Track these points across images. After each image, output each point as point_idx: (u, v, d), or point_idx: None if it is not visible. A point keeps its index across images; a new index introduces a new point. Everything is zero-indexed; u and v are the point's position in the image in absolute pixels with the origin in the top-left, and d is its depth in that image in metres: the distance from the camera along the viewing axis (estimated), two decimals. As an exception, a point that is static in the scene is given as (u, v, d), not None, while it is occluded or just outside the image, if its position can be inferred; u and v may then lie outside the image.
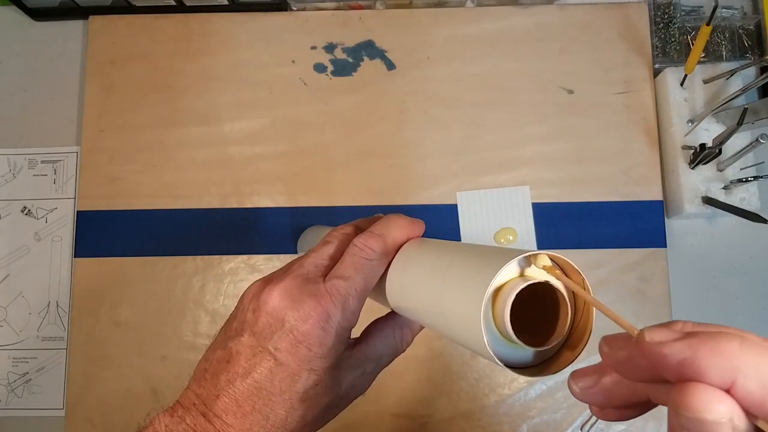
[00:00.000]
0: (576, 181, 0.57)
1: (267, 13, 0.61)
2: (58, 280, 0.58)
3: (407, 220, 0.31)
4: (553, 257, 0.23)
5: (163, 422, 0.27)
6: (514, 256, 0.22)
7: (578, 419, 0.54)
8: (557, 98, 0.59)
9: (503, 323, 0.21)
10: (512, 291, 0.21)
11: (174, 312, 0.56)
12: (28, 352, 0.57)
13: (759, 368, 0.15)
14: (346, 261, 0.29)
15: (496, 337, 0.23)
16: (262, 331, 0.27)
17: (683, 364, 0.16)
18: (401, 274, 0.29)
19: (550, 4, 0.60)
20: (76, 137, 0.61)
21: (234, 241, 0.58)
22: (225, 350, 0.28)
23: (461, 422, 0.54)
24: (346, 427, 0.53)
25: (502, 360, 0.22)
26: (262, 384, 0.27)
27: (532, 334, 0.23)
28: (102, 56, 0.61)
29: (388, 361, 0.32)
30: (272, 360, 0.27)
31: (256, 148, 0.59)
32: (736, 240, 0.58)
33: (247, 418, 0.27)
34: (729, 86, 0.56)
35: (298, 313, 0.27)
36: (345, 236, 0.31)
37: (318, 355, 0.27)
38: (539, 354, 0.24)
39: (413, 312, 0.29)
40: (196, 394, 0.28)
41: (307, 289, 0.28)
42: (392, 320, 0.32)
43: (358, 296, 0.28)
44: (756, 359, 0.15)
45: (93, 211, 0.58)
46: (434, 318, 0.26)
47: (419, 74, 0.59)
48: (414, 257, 0.29)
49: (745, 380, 0.15)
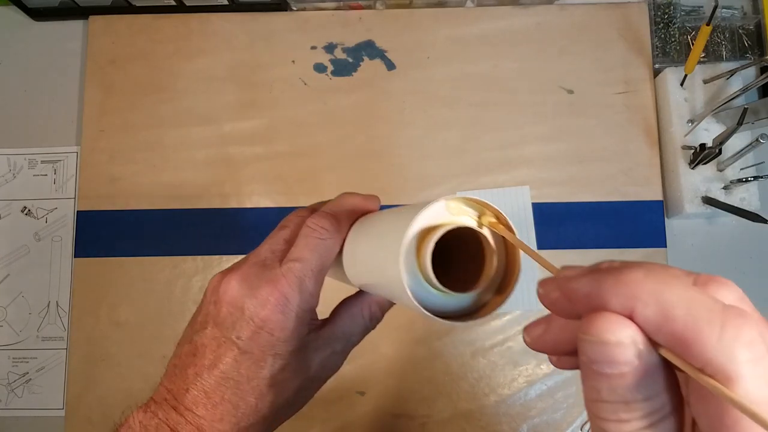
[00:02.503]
0: (576, 181, 0.57)
1: (267, 13, 0.61)
2: (58, 280, 0.58)
3: (359, 196, 0.32)
4: (471, 200, 0.23)
5: (137, 418, 0.28)
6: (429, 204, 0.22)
7: (578, 419, 0.54)
8: (557, 98, 0.59)
9: (427, 271, 0.22)
10: (432, 238, 0.22)
11: (174, 312, 0.56)
12: (28, 352, 0.57)
13: (658, 296, 0.15)
14: (299, 243, 0.29)
15: (425, 287, 0.23)
16: (224, 321, 0.28)
17: (589, 296, 0.16)
18: (352, 249, 0.29)
19: (550, 4, 0.60)
20: (76, 137, 0.61)
21: (234, 241, 0.58)
22: (191, 344, 0.29)
23: (461, 422, 0.54)
24: (346, 427, 0.53)
25: (431, 309, 0.22)
26: (229, 374, 0.27)
27: (467, 283, 0.23)
28: (102, 56, 0.61)
29: (358, 339, 0.32)
30: (236, 349, 0.27)
31: (256, 148, 0.59)
32: (736, 240, 0.58)
33: (217, 408, 0.27)
34: (729, 86, 0.56)
35: (256, 300, 0.27)
36: (300, 219, 0.31)
37: (281, 340, 0.27)
38: (471, 301, 0.24)
39: (367, 283, 0.29)
40: (167, 389, 0.28)
41: (264, 275, 0.28)
42: (360, 298, 0.32)
43: (315, 276, 0.28)
44: (656, 287, 0.15)
45: (93, 211, 0.58)
46: (379, 283, 0.26)
47: (419, 74, 0.59)
48: (361, 230, 0.29)
49: (644, 307, 0.15)
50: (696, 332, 0.14)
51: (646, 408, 0.15)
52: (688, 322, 0.14)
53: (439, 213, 0.23)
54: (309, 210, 0.32)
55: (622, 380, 0.15)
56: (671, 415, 0.16)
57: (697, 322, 0.14)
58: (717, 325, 0.14)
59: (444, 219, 0.23)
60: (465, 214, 0.23)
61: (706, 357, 0.14)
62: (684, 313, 0.14)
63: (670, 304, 0.15)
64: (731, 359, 0.14)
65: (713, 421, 0.14)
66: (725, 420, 0.14)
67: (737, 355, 0.14)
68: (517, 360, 0.55)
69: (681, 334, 0.14)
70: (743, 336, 0.14)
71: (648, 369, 0.15)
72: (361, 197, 0.32)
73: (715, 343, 0.14)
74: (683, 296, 0.15)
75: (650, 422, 0.15)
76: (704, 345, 0.14)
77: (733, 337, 0.14)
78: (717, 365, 0.14)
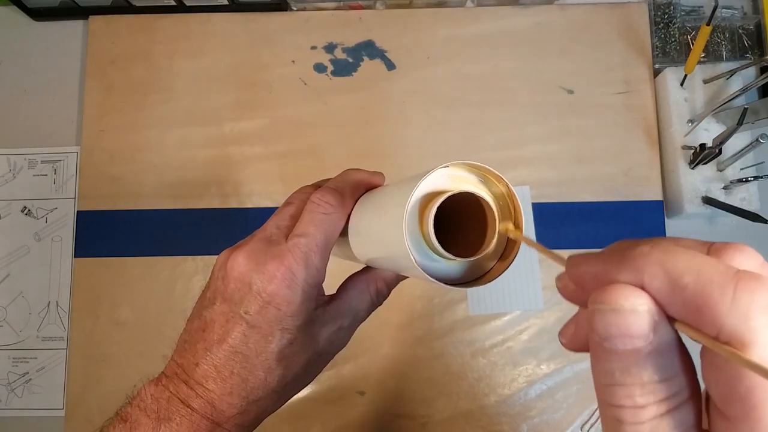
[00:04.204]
0: (576, 181, 0.57)
1: (267, 13, 0.61)
2: (58, 280, 0.58)
3: (364, 172, 0.32)
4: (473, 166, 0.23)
5: (148, 391, 0.29)
6: (432, 171, 0.22)
7: (578, 419, 0.54)
8: (557, 98, 0.59)
9: (430, 237, 0.22)
10: (435, 204, 0.22)
11: (174, 312, 0.56)
12: (28, 352, 0.57)
13: (666, 265, 0.14)
14: (305, 218, 0.29)
15: (429, 255, 0.23)
16: (232, 296, 0.28)
17: (597, 277, 0.16)
18: (358, 223, 0.30)
19: (550, 4, 0.60)
20: (76, 137, 0.61)
21: (234, 241, 0.57)
22: (200, 320, 0.29)
23: (461, 422, 0.54)
24: (346, 427, 0.53)
25: (435, 276, 0.23)
26: (238, 348, 0.28)
27: (470, 249, 0.23)
28: (102, 56, 0.61)
29: (364, 315, 0.32)
30: (244, 324, 0.28)
31: (256, 148, 0.59)
32: (736, 240, 0.58)
33: (227, 382, 0.28)
34: (729, 86, 0.56)
35: (263, 275, 0.27)
36: (305, 195, 0.31)
37: (288, 314, 0.28)
38: (474, 266, 0.24)
39: (373, 258, 0.29)
40: (178, 364, 0.29)
41: (270, 251, 0.28)
42: (366, 274, 0.32)
43: (320, 251, 0.29)
44: (663, 257, 0.14)
45: (93, 211, 0.58)
46: (385, 255, 0.26)
47: (419, 74, 0.59)
48: (366, 204, 0.30)
49: (652, 279, 0.14)
50: (707, 297, 0.13)
51: (664, 391, 0.14)
52: (698, 288, 0.13)
53: (441, 180, 0.23)
54: (314, 186, 0.32)
55: (637, 357, 0.14)
56: (690, 401, 0.15)
57: (707, 288, 0.13)
58: (729, 290, 0.13)
59: (446, 186, 0.23)
60: (466, 181, 0.23)
61: (718, 323, 0.13)
62: (694, 280, 0.13)
63: (678, 272, 0.14)
64: (746, 325, 0.13)
65: (726, 391, 0.13)
66: (738, 388, 0.13)
67: (752, 320, 0.13)
68: (517, 360, 0.55)
69: (692, 301, 0.13)
70: (758, 300, 0.13)
71: (664, 346, 0.14)
72: (366, 172, 0.32)
73: (728, 309, 0.13)
74: (692, 263, 0.14)
75: (669, 407, 0.14)
76: (716, 311, 0.13)
77: (748, 301, 0.13)
78: (730, 331, 0.13)
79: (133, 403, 0.28)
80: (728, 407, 0.13)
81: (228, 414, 0.28)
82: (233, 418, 0.28)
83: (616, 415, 0.15)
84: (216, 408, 0.28)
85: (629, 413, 0.14)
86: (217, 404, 0.27)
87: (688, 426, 0.14)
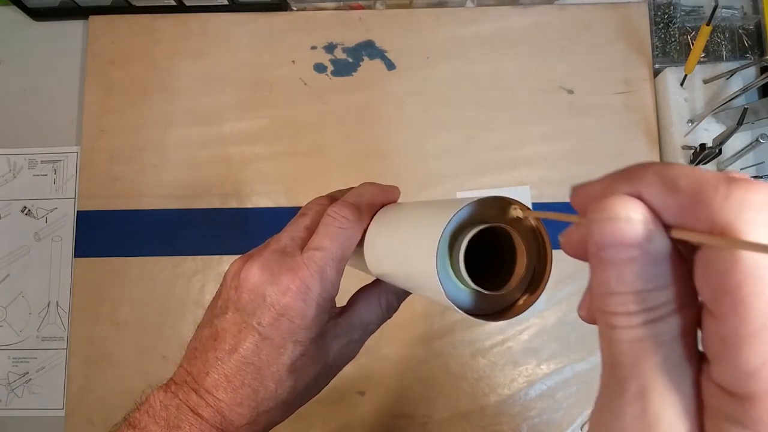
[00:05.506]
0: (576, 181, 0.57)
1: (267, 13, 0.61)
2: (58, 280, 0.58)
3: (380, 187, 0.32)
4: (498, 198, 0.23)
5: (157, 398, 0.28)
6: (467, 203, 0.22)
7: (578, 419, 0.54)
8: (557, 98, 0.59)
9: (460, 270, 0.22)
10: (465, 238, 0.22)
11: (174, 312, 0.56)
12: (28, 352, 0.57)
13: (661, 173, 0.15)
14: (321, 231, 0.29)
15: (454, 283, 0.23)
16: (245, 307, 0.28)
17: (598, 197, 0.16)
18: (375, 239, 0.29)
19: (550, 4, 0.60)
20: (76, 137, 0.61)
21: (234, 241, 0.58)
22: (212, 328, 0.29)
23: (461, 422, 0.54)
24: (346, 427, 0.53)
25: (459, 305, 0.22)
26: (249, 359, 0.27)
27: (496, 282, 0.23)
28: (102, 56, 0.61)
29: (374, 328, 0.32)
30: (257, 335, 0.27)
31: (256, 148, 0.59)
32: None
33: (238, 392, 0.27)
34: (729, 86, 0.56)
35: (277, 287, 0.27)
36: (320, 207, 0.31)
37: (301, 327, 0.28)
38: (501, 300, 0.24)
39: (390, 275, 0.29)
40: (187, 372, 0.29)
41: (285, 263, 0.28)
42: (377, 287, 0.32)
43: (336, 265, 0.29)
44: (661, 168, 0.15)
45: (93, 211, 0.58)
46: (405, 277, 0.26)
47: (419, 74, 0.59)
48: (386, 221, 0.29)
49: (649, 187, 0.15)
50: (701, 194, 0.13)
51: (656, 299, 0.14)
52: (693, 188, 0.14)
53: (469, 211, 0.23)
54: (329, 198, 0.32)
55: (632, 266, 0.14)
56: (684, 310, 0.15)
57: (702, 187, 0.13)
58: (723, 188, 0.13)
59: (474, 216, 0.23)
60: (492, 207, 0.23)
61: (711, 217, 0.13)
62: (689, 182, 0.14)
63: (673, 177, 0.14)
64: (738, 217, 0.13)
65: (715, 287, 0.13)
66: (727, 282, 0.13)
67: (745, 212, 0.13)
68: (517, 360, 0.55)
69: (686, 200, 0.14)
70: (753, 198, 0.13)
71: (658, 255, 0.14)
72: (381, 187, 0.32)
73: (721, 203, 0.13)
74: (688, 171, 0.14)
75: (659, 315, 0.15)
76: (710, 206, 0.13)
77: (741, 197, 0.13)
78: (724, 223, 0.13)
79: (141, 409, 0.28)
80: (717, 305, 0.13)
81: (237, 424, 0.28)
82: (242, 429, 0.28)
83: (610, 321, 0.15)
84: (226, 418, 0.27)
85: (623, 320, 0.15)
86: (226, 414, 0.27)
87: (677, 333, 0.15)
